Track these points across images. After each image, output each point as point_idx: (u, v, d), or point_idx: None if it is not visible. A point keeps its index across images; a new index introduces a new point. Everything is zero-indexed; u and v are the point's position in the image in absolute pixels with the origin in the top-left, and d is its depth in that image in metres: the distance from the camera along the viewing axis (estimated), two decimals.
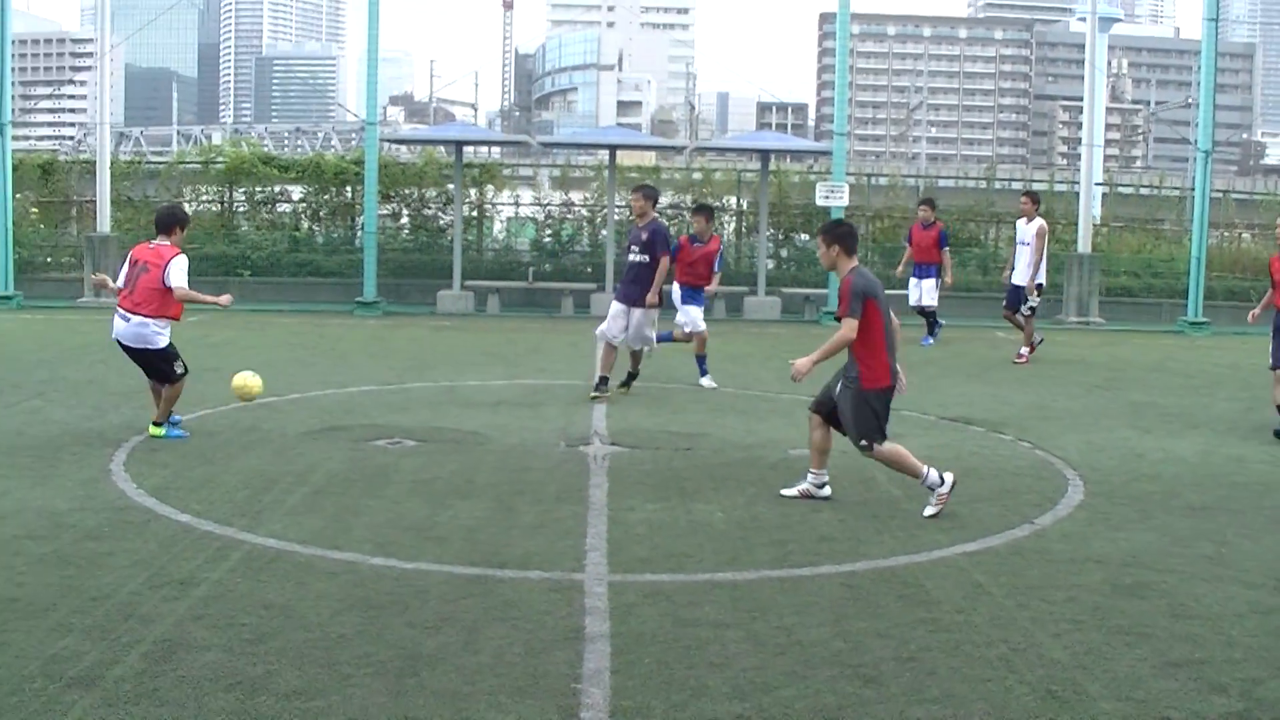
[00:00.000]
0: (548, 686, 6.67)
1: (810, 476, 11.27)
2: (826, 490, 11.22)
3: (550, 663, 7.01)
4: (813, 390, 11.82)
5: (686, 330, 18.64)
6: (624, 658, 7.13)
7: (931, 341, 24.77)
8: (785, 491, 11.23)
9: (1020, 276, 22.95)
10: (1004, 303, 23.72)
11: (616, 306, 17.00)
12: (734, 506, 10.75)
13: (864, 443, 10.91)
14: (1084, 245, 33.58)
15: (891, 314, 11.13)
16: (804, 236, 35.39)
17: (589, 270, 32.08)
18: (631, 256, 16.96)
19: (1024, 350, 22.66)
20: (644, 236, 16.80)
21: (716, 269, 19.21)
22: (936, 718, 6.50)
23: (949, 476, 10.88)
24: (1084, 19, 38.57)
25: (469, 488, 11.27)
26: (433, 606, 7.93)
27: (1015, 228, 24.03)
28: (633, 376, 17.19)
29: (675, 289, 18.82)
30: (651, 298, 16.70)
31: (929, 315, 25.12)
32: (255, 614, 7.69)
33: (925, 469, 10.84)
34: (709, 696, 6.63)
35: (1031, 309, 22.77)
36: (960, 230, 36.34)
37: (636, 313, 16.83)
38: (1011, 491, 11.98)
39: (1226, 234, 40.02)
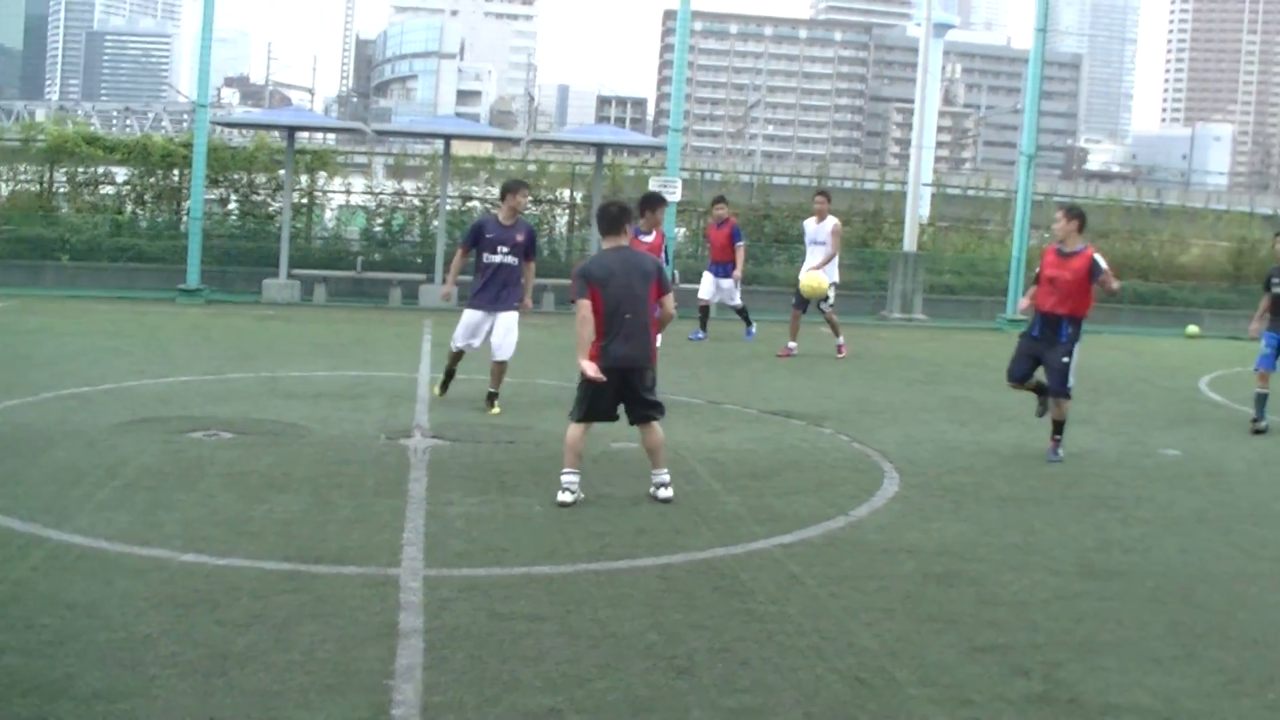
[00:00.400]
0: (359, 683, 6.64)
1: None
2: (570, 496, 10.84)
3: (362, 659, 6.98)
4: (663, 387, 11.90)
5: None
6: (437, 653, 7.12)
7: (754, 334, 24.63)
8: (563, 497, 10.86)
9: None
10: (793, 302, 23.34)
11: (473, 315, 15.65)
12: (553, 500, 10.74)
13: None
14: (910, 244, 34.04)
15: (665, 302, 11.22)
16: (680, 230, 35.42)
17: (419, 261, 31.84)
18: (498, 258, 15.37)
19: (841, 341, 22.85)
20: (519, 238, 15.41)
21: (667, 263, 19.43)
22: (748, 707, 6.58)
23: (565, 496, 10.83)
24: (920, 24, 39.02)
25: (286, 481, 11.14)
26: (244, 603, 7.82)
27: (804, 227, 23.91)
28: (493, 396, 15.60)
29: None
30: (530, 302, 16.00)
31: (740, 312, 24.91)
32: (57, 615, 7.51)
33: (571, 469, 10.88)
34: (521, 690, 6.65)
35: (831, 305, 22.80)
36: (791, 228, 36.55)
37: (503, 318, 15.54)
38: (829, 484, 12.14)
39: (1047, 235, 40.68)
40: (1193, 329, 33.48)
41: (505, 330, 15.54)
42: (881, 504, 11.45)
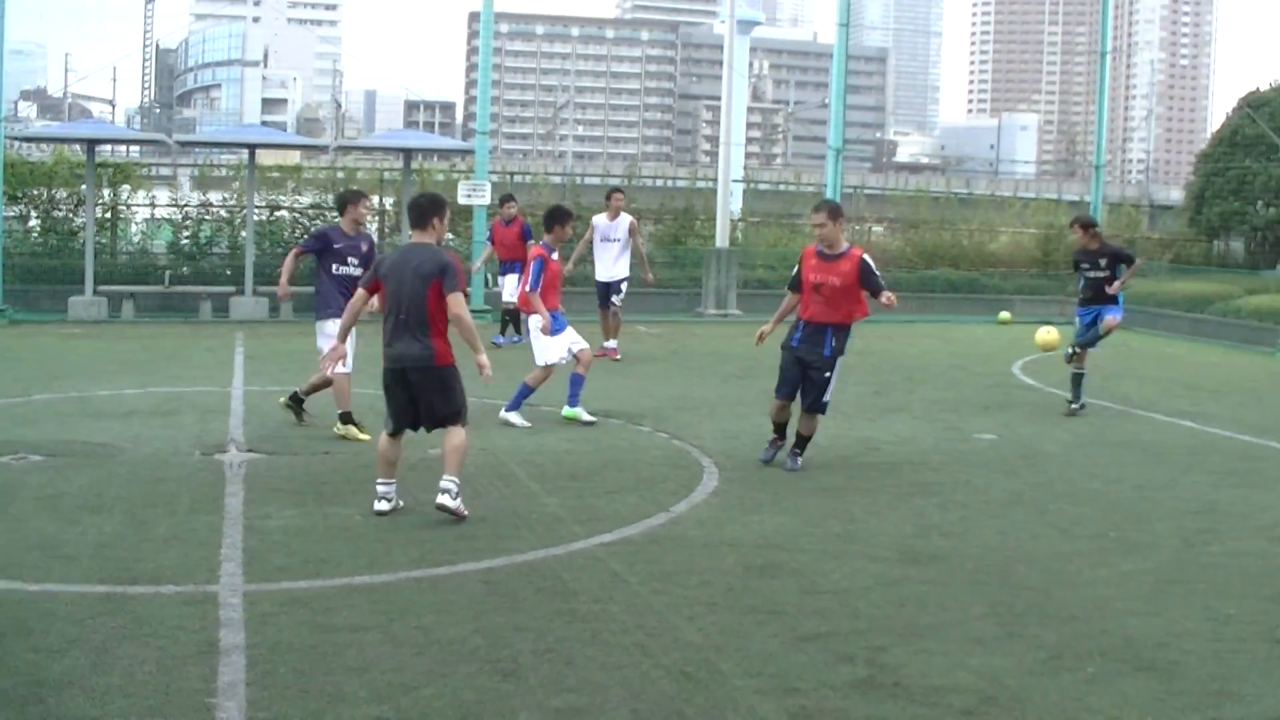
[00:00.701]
0: (181, 703, 6.54)
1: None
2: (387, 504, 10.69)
3: (184, 679, 6.87)
4: (479, 391, 11.85)
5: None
6: (260, 668, 7.04)
7: (518, 340, 23.46)
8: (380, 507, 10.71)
9: (609, 272, 22.60)
10: (600, 302, 22.97)
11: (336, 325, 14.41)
12: (372, 509, 10.67)
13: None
14: (722, 240, 34.22)
15: (450, 304, 10.54)
16: (449, 236, 35.25)
17: (228, 273, 31.40)
18: (348, 269, 14.75)
19: (613, 345, 22.40)
20: (364, 248, 14.94)
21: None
22: (575, 707, 6.59)
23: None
24: (725, 21, 39.27)
25: (99, 502, 10.90)
26: (59, 628, 7.65)
27: (594, 224, 23.17)
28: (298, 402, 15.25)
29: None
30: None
31: (514, 314, 24.01)
32: None
33: (384, 479, 10.74)
34: (347, 701, 6.60)
35: (620, 302, 22.68)
36: None
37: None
38: (649, 481, 12.20)
39: (859, 227, 41.20)
40: (1005, 315, 33.97)
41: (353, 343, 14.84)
42: (701, 499, 11.53)
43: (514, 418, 15.43)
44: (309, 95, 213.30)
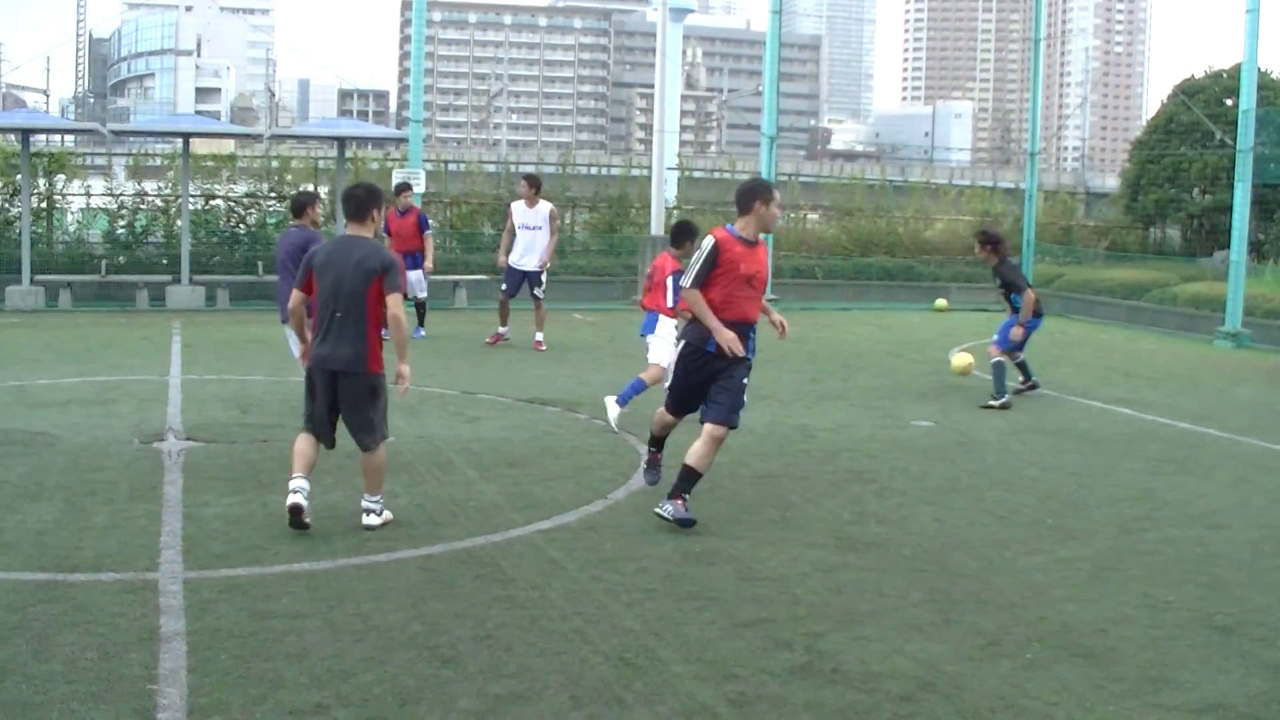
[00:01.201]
0: (123, 690, 6.54)
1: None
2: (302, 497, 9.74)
3: (125, 665, 6.87)
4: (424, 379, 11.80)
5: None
6: (200, 655, 7.04)
7: (422, 334, 23.11)
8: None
9: (532, 261, 22.18)
10: (505, 288, 22.47)
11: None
12: (311, 496, 10.64)
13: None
14: (657, 228, 34.24)
15: (389, 303, 9.82)
16: (383, 224, 35.17)
17: (164, 262, 31.19)
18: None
19: (540, 338, 22.16)
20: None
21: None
22: (514, 693, 6.61)
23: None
24: (657, 9, 39.30)
25: (38, 490, 10.84)
26: None
27: (510, 209, 22.73)
28: None
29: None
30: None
31: (420, 306, 23.68)
32: None
33: (299, 473, 9.80)
34: (287, 688, 6.60)
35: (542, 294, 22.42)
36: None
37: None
38: (586, 469, 12.22)
39: (793, 215, 41.29)
40: (941, 303, 34.19)
41: None
42: (639, 486, 11.56)
43: (615, 410, 14.90)
44: (243, 84, 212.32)
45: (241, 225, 33.12)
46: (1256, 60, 27.95)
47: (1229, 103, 39.25)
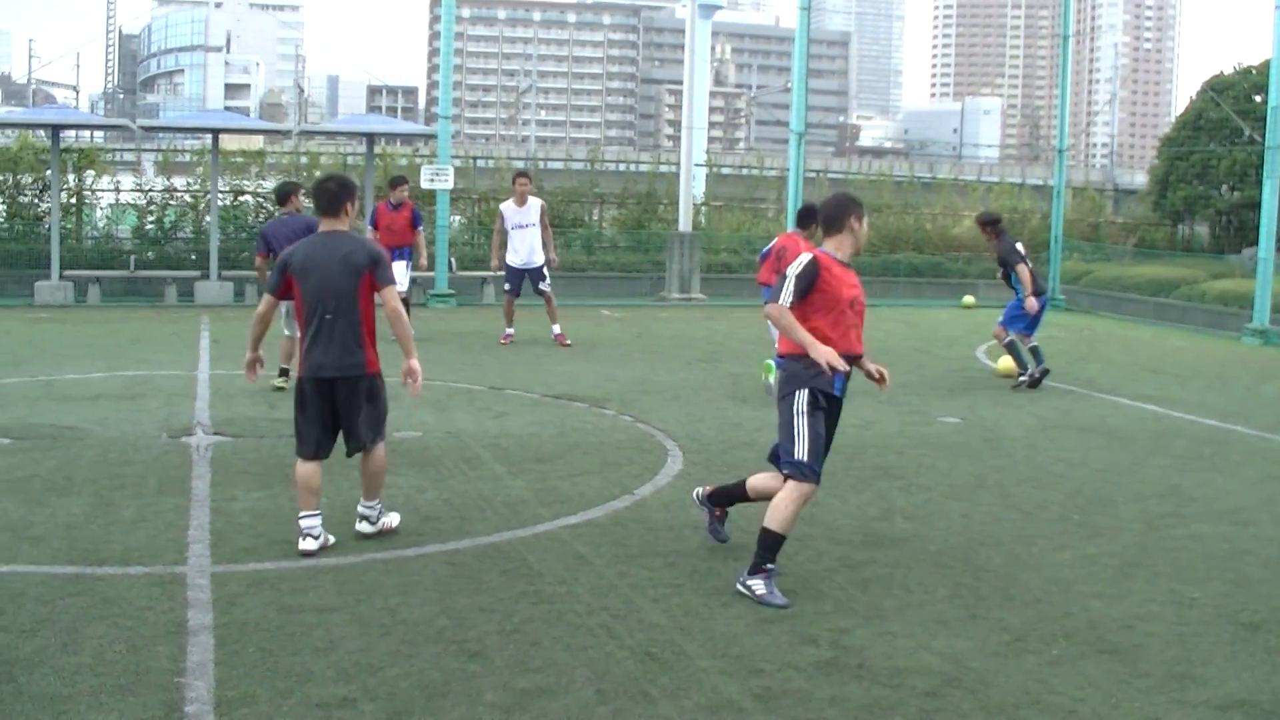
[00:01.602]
0: (150, 682, 6.56)
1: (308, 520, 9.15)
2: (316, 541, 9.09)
3: (153, 658, 6.90)
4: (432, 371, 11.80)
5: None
6: (228, 648, 7.06)
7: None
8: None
9: (524, 259, 22.36)
10: (508, 288, 22.65)
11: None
12: (338, 491, 10.62)
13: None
14: (685, 224, 34.29)
15: (384, 296, 9.32)
16: None
17: (193, 258, 31.34)
18: None
19: (558, 330, 22.28)
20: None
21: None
22: (540, 687, 6.62)
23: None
24: (686, 5, 39.34)
25: (67, 485, 10.90)
26: (29, 609, 7.67)
27: (502, 211, 22.75)
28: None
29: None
30: None
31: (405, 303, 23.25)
32: None
33: (309, 511, 9.07)
34: (314, 681, 6.62)
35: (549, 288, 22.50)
36: (565, 211, 36.74)
37: None
38: (613, 464, 12.22)
39: None
40: (968, 299, 34.16)
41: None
42: (666, 482, 11.56)
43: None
44: (271, 81, 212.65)
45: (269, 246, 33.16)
46: None
47: (1258, 99, 39.19)
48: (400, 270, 21.93)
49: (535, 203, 22.45)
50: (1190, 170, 42.23)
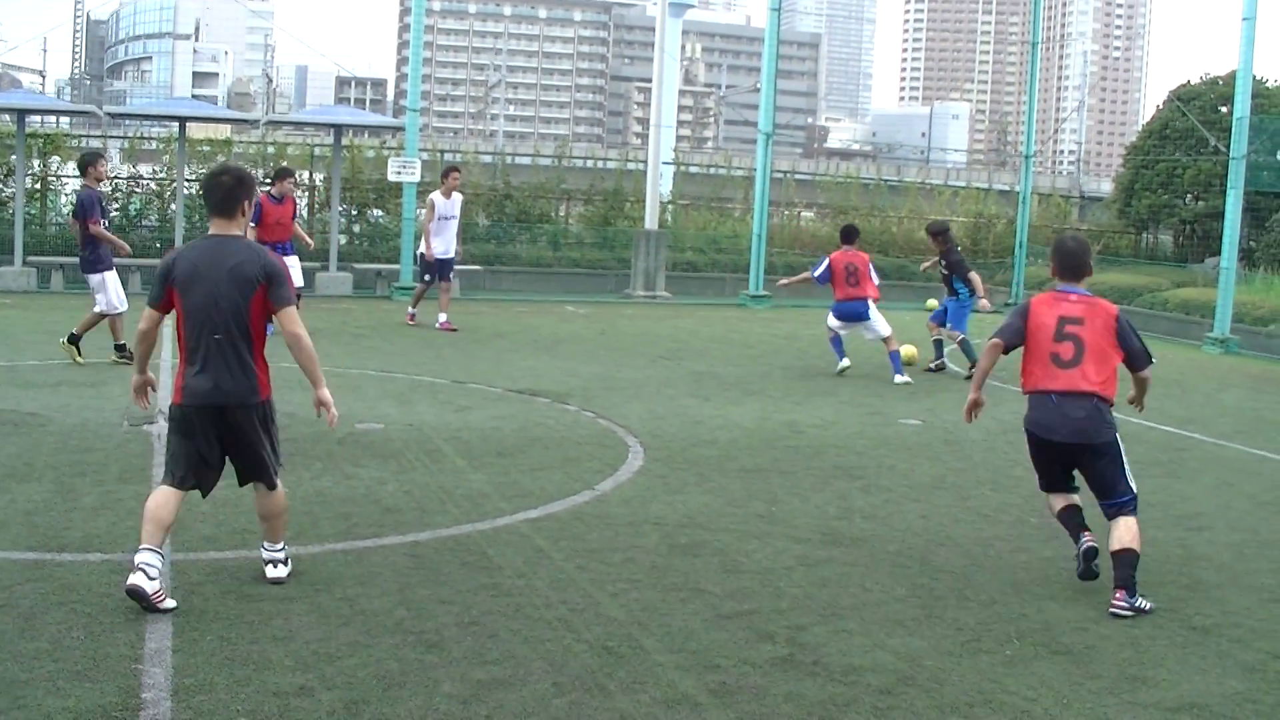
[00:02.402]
0: (108, 668, 6.58)
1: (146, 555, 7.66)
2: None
3: (111, 644, 6.91)
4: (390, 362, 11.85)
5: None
6: (186, 636, 7.08)
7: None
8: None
9: (447, 248, 23.33)
10: (427, 277, 23.69)
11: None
12: (299, 482, 10.65)
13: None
14: (651, 222, 34.32)
15: (281, 320, 8.18)
16: (377, 212, 35.26)
17: (158, 246, 31.22)
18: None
19: (445, 316, 23.07)
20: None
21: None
22: (497, 679, 6.65)
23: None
24: (657, 3, 39.42)
25: (28, 471, 10.88)
26: None
27: (432, 201, 23.31)
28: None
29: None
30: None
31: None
32: None
33: (150, 546, 7.63)
34: (272, 669, 6.64)
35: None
36: (531, 207, 36.80)
37: None
38: (575, 460, 12.26)
39: (788, 212, 41.39)
40: (932, 303, 34.08)
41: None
42: (626, 478, 11.61)
43: (900, 378, 19.01)
44: (240, 70, 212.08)
45: (89, 205, 33.06)
46: (1252, 68, 28.02)
47: (1224, 110, 39.37)
48: (294, 265, 21.52)
49: (459, 197, 23.05)
50: (1155, 179, 42.43)
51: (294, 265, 21.66)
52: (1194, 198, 42.09)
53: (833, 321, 19.51)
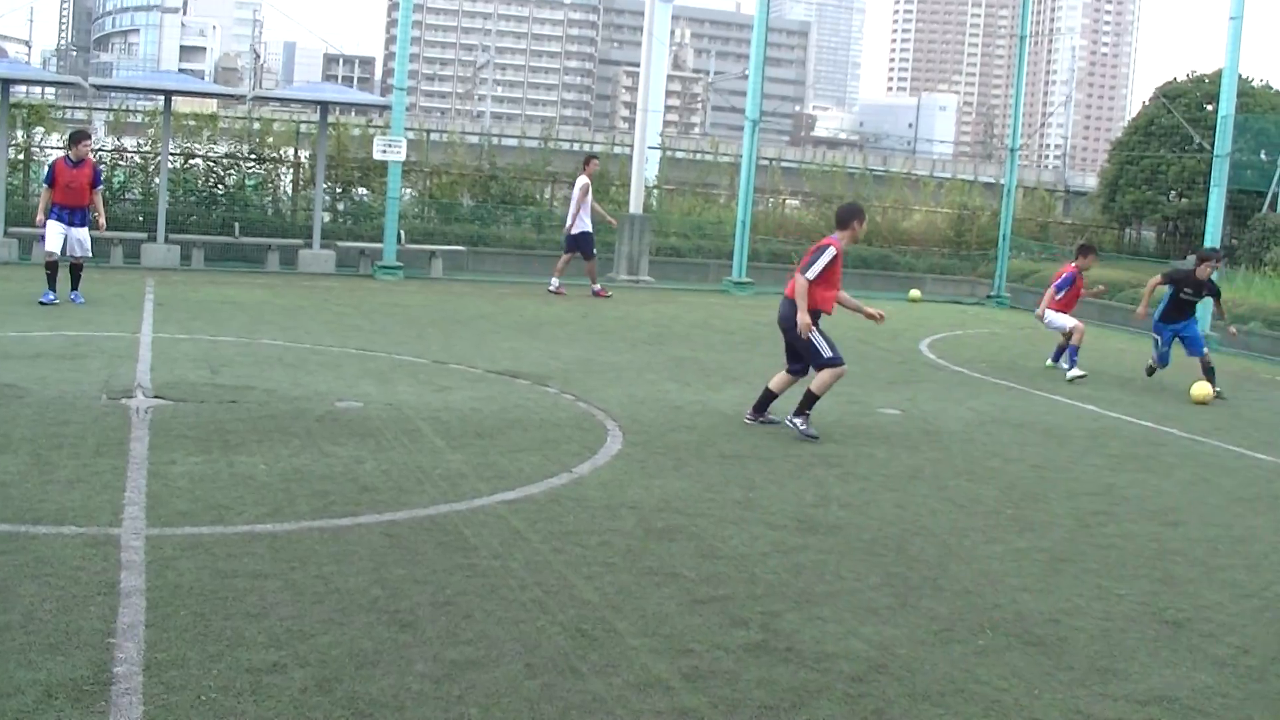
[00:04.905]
0: (81, 642, 6.54)
1: None
2: None
3: (84, 618, 6.87)
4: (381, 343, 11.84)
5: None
6: (159, 611, 7.05)
7: (81, 299, 21.22)
8: None
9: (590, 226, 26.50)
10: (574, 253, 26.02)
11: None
12: (277, 459, 10.67)
13: None
14: (636, 206, 34.30)
15: None
16: (362, 191, 35.21)
17: (141, 220, 31.16)
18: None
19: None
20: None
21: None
22: (471, 659, 6.64)
23: None
24: None
25: (4, 442, 10.80)
26: None
27: (586, 188, 26.01)
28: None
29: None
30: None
31: (75, 268, 21.62)
32: None
33: None
34: (245, 646, 6.63)
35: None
36: (517, 189, 36.79)
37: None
38: (553, 442, 12.25)
39: (773, 200, 41.40)
40: (915, 293, 34.33)
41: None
42: (605, 461, 11.60)
43: (1075, 371, 19.77)
44: (228, 44, 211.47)
45: (220, 186, 33.14)
46: (1237, 67, 28.07)
47: (1209, 108, 39.49)
48: (81, 236, 21.52)
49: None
50: (1140, 175, 42.56)
51: (83, 235, 21.49)
52: (1177, 195, 42.24)
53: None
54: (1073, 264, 21.42)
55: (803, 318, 13.58)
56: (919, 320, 27.30)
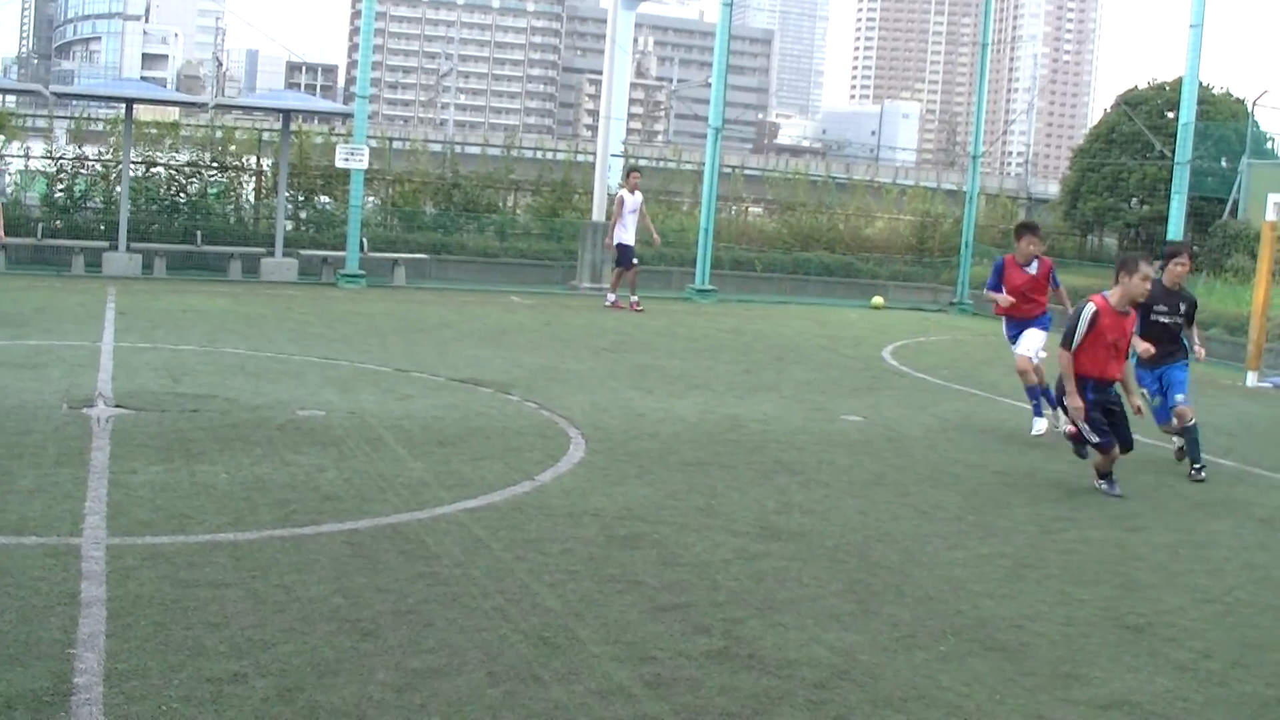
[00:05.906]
0: (41, 653, 6.50)
1: None
2: None
3: (44, 629, 6.83)
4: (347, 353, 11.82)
5: None
6: (120, 621, 7.01)
7: None
8: None
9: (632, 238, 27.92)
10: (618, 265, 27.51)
11: None
12: (239, 468, 10.64)
13: None
14: (599, 214, 34.33)
15: None
16: (324, 199, 35.16)
17: (102, 228, 31.09)
18: None
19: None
20: None
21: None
22: (432, 668, 6.63)
23: None
24: None
25: None
26: None
27: (623, 201, 27.69)
28: None
29: None
30: None
31: None
32: None
33: None
34: (206, 656, 6.60)
35: None
36: (479, 196, 36.80)
37: None
38: (515, 450, 12.24)
39: (736, 207, 41.47)
40: (877, 300, 34.42)
41: None
42: (567, 469, 11.60)
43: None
44: (190, 52, 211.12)
45: (182, 194, 33.09)
46: (1198, 75, 28.25)
47: (1170, 115, 39.67)
48: None
49: (640, 195, 27.07)
50: (1101, 182, 42.75)
51: None
52: (1139, 201, 42.45)
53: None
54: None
55: (1071, 401, 12.79)
56: (882, 327, 27.36)
